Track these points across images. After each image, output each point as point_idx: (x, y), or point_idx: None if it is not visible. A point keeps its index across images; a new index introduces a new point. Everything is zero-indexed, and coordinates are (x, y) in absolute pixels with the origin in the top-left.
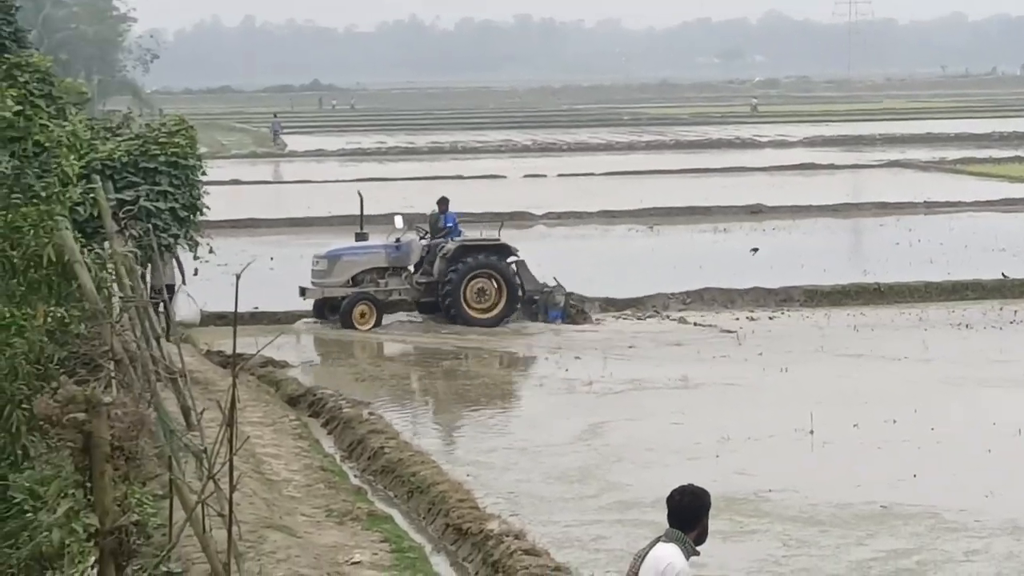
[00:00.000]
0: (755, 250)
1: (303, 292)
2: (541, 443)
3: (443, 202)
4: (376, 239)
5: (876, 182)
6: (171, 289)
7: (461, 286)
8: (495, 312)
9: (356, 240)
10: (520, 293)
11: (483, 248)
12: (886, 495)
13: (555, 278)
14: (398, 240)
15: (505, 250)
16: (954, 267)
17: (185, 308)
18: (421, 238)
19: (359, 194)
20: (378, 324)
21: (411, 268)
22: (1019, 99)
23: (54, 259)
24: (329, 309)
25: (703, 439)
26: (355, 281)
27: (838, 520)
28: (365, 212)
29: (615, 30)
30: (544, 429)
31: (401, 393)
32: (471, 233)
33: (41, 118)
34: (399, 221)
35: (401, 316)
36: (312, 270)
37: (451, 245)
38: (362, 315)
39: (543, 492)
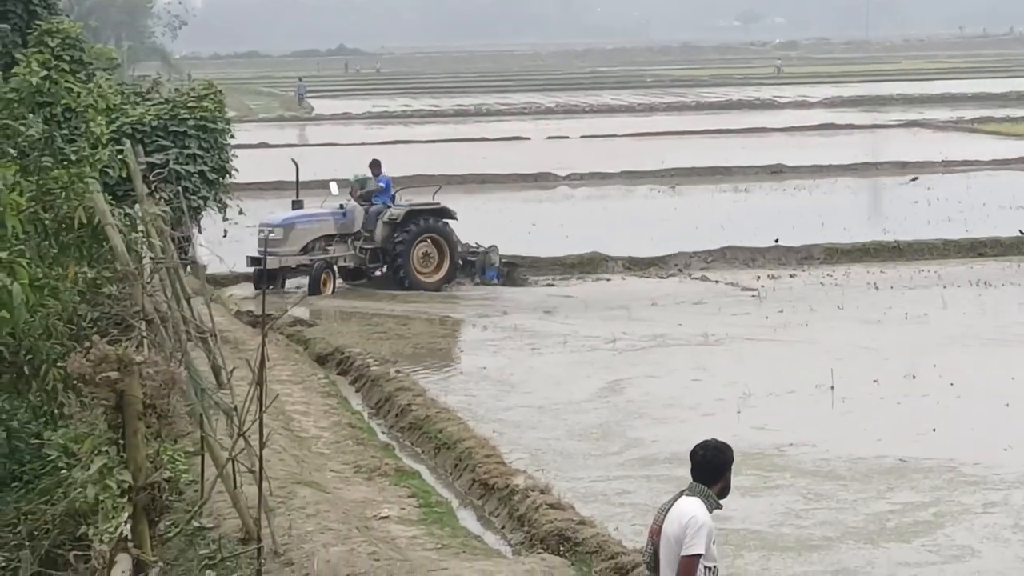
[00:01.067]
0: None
1: (258, 261)
2: (563, 400)
3: (375, 165)
4: (312, 207)
5: (894, 142)
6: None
7: (411, 251)
8: (439, 276)
9: (293, 208)
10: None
11: (427, 213)
12: (904, 449)
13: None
14: (342, 206)
15: (445, 213)
16: (972, 225)
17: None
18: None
19: (293, 161)
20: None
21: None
22: None
23: (85, 221)
24: (268, 279)
25: (725, 395)
26: (305, 249)
27: (857, 474)
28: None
29: None
30: (565, 387)
31: (422, 352)
32: (412, 198)
33: (68, 82)
34: (334, 187)
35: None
36: (264, 239)
37: (398, 211)
38: (324, 283)
39: (567, 448)
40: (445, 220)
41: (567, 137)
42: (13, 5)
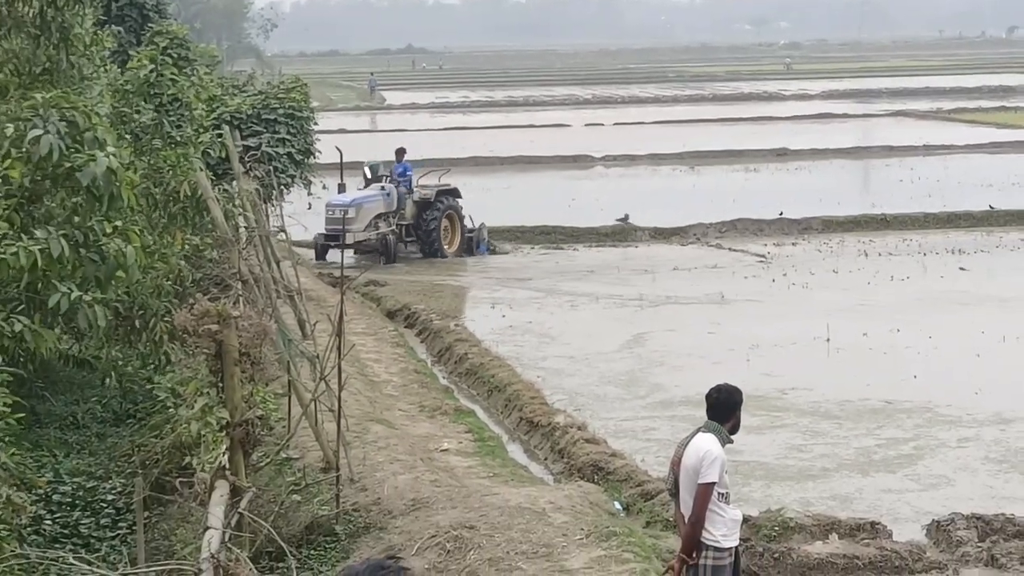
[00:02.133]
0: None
1: (330, 238)
2: (595, 351)
3: (401, 152)
4: (356, 190)
5: (882, 129)
6: None
7: (440, 226)
8: (454, 247)
9: (339, 192)
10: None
11: (448, 192)
12: (890, 393)
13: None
14: (383, 188)
15: (456, 193)
16: (949, 200)
17: None
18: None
19: (337, 149)
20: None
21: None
22: (1003, 57)
23: (189, 194)
24: (327, 252)
25: (735, 346)
26: (367, 226)
27: (849, 414)
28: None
29: (664, 1)
30: (597, 339)
31: (475, 309)
32: (427, 180)
33: (173, 75)
34: (368, 171)
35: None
36: (337, 218)
37: (428, 191)
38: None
39: (599, 392)
40: (456, 199)
41: (602, 124)
42: (129, 10)
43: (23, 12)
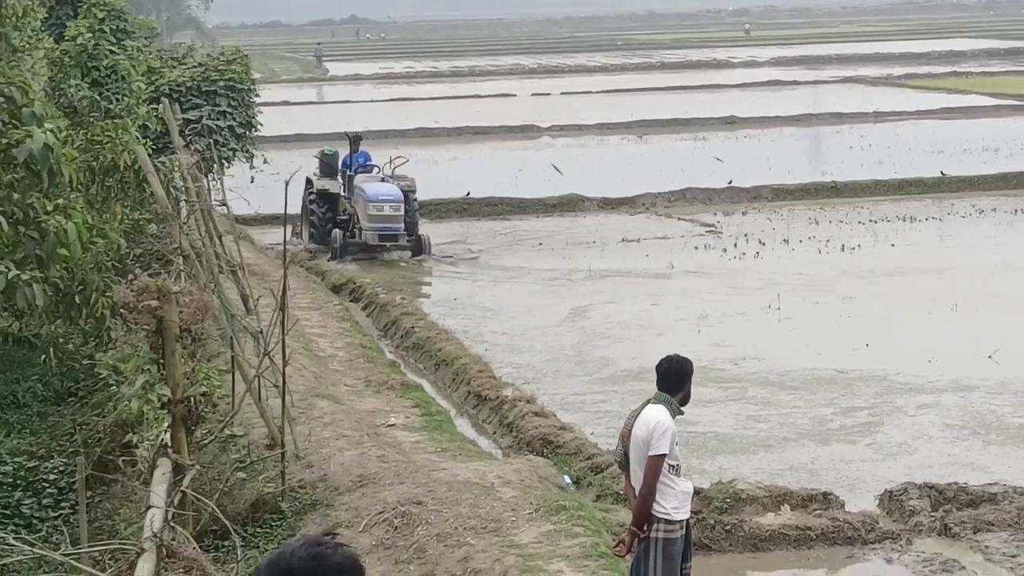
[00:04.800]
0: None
1: (387, 238)
2: (541, 323)
3: (357, 139)
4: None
5: (832, 96)
6: None
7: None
8: None
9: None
10: None
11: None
12: (843, 362)
13: None
14: (383, 176)
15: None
16: (900, 167)
17: None
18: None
19: (348, 133)
20: None
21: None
22: (953, 22)
23: (129, 164)
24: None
25: (686, 316)
26: None
27: (802, 383)
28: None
29: None
30: (541, 312)
31: (419, 285)
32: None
33: (111, 45)
34: (323, 159)
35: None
36: (389, 215)
37: (408, 183)
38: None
39: (548, 365)
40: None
41: (549, 94)
42: None
43: None
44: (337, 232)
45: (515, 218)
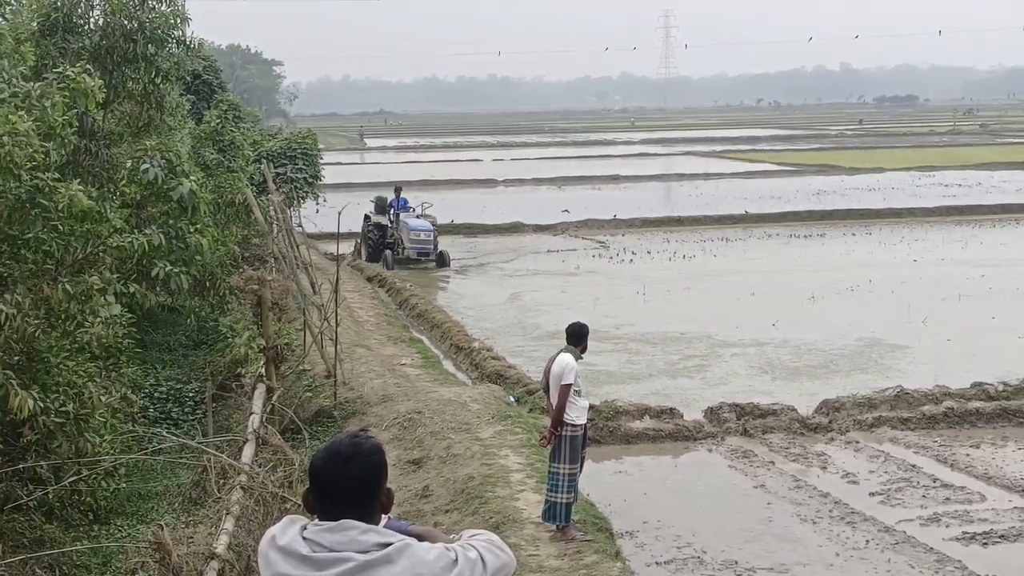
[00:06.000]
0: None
1: (424, 254)
2: (491, 303)
3: (399, 189)
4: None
5: (678, 163)
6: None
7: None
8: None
9: (376, 211)
10: None
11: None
12: (683, 328)
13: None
14: (418, 215)
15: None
16: (719, 207)
17: None
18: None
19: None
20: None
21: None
22: (754, 119)
23: (240, 203)
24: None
25: (585, 299)
26: None
27: (660, 341)
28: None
29: (542, 82)
30: (492, 296)
31: (424, 280)
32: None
33: (232, 127)
34: (375, 204)
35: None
36: (424, 239)
37: (432, 219)
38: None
39: (499, 327)
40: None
41: (503, 159)
42: (201, 86)
43: (133, 88)
44: (388, 251)
45: (480, 237)
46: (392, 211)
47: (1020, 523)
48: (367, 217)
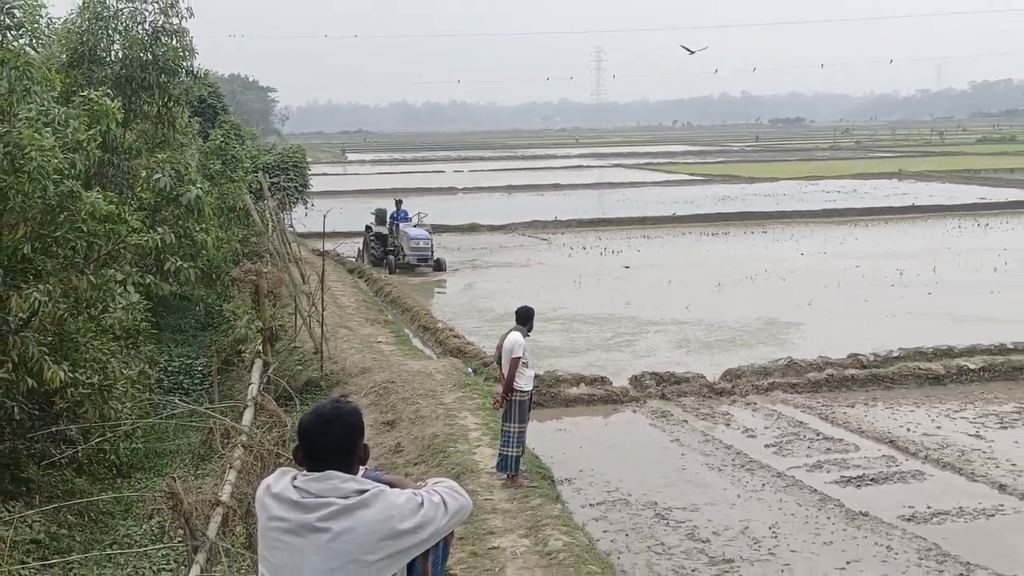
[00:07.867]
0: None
1: (423, 259)
2: (455, 290)
3: (399, 202)
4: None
5: (610, 173)
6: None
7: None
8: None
9: (377, 220)
10: None
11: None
12: (614, 310)
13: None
14: (418, 225)
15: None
16: (644, 211)
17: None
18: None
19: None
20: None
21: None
22: (671, 136)
23: (240, 208)
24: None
25: (530, 288)
26: None
27: (594, 320)
28: (384, 188)
29: (495, 106)
30: (456, 284)
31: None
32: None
33: (234, 144)
34: (375, 215)
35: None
36: (423, 247)
37: (428, 228)
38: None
39: (459, 311)
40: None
41: (463, 171)
42: (207, 109)
43: (149, 110)
44: (390, 257)
45: (443, 235)
46: (391, 221)
47: (887, 468)
48: (368, 228)
